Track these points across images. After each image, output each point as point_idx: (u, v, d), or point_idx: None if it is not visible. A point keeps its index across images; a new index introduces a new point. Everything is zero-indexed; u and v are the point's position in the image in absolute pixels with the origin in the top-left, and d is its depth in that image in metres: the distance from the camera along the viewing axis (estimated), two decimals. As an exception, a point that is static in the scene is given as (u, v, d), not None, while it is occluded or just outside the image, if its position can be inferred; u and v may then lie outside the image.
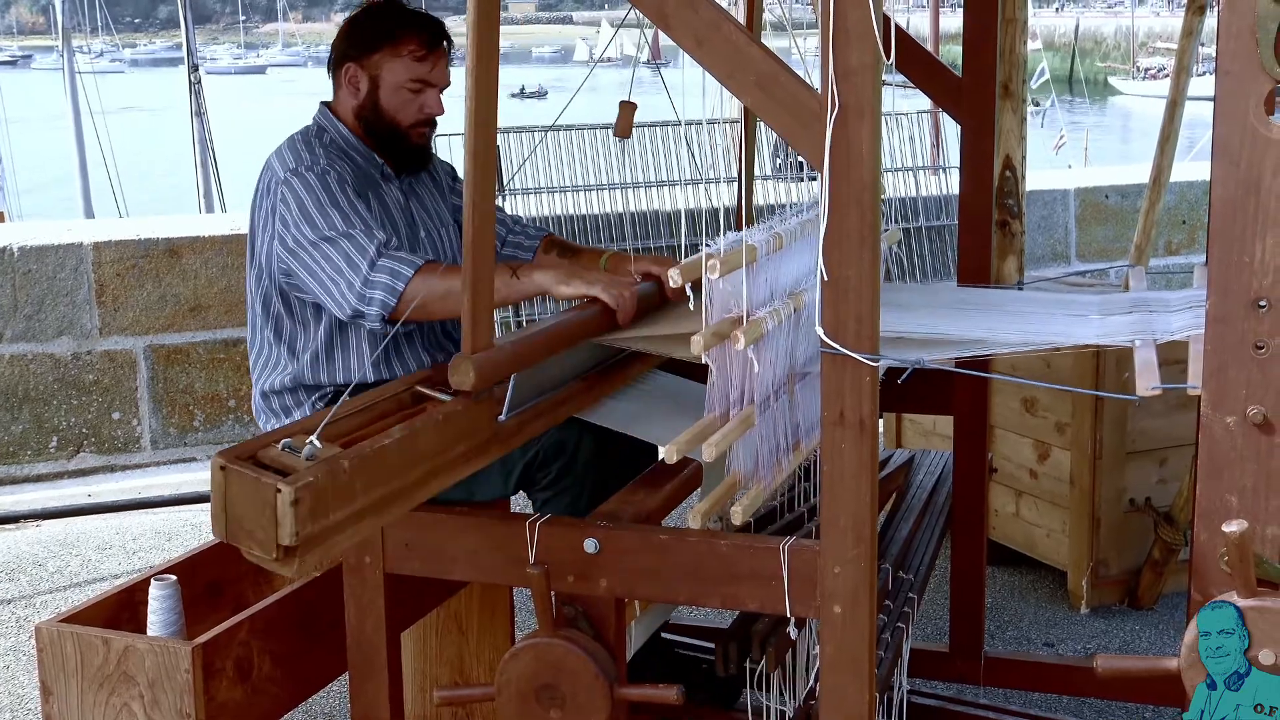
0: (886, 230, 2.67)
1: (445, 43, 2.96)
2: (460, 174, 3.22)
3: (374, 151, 2.94)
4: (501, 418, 2.20)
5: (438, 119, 2.99)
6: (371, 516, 1.91)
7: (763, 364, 2.04)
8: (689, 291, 2.02)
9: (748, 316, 2.01)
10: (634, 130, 2.64)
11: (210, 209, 15.03)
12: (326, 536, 1.81)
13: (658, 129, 7.50)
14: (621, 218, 7.10)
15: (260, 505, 1.74)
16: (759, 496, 2.09)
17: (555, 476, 2.67)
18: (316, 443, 1.85)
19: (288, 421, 2.91)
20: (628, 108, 2.82)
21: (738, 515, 2.01)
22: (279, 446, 1.86)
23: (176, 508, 5.07)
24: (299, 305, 2.83)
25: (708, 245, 2.01)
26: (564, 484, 2.67)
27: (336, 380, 2.85)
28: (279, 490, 1.73)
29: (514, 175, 6.74)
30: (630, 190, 7.32)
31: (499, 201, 3.26)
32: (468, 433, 2.10)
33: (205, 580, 2.78)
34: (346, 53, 2.95)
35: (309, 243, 2.70)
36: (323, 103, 3.00)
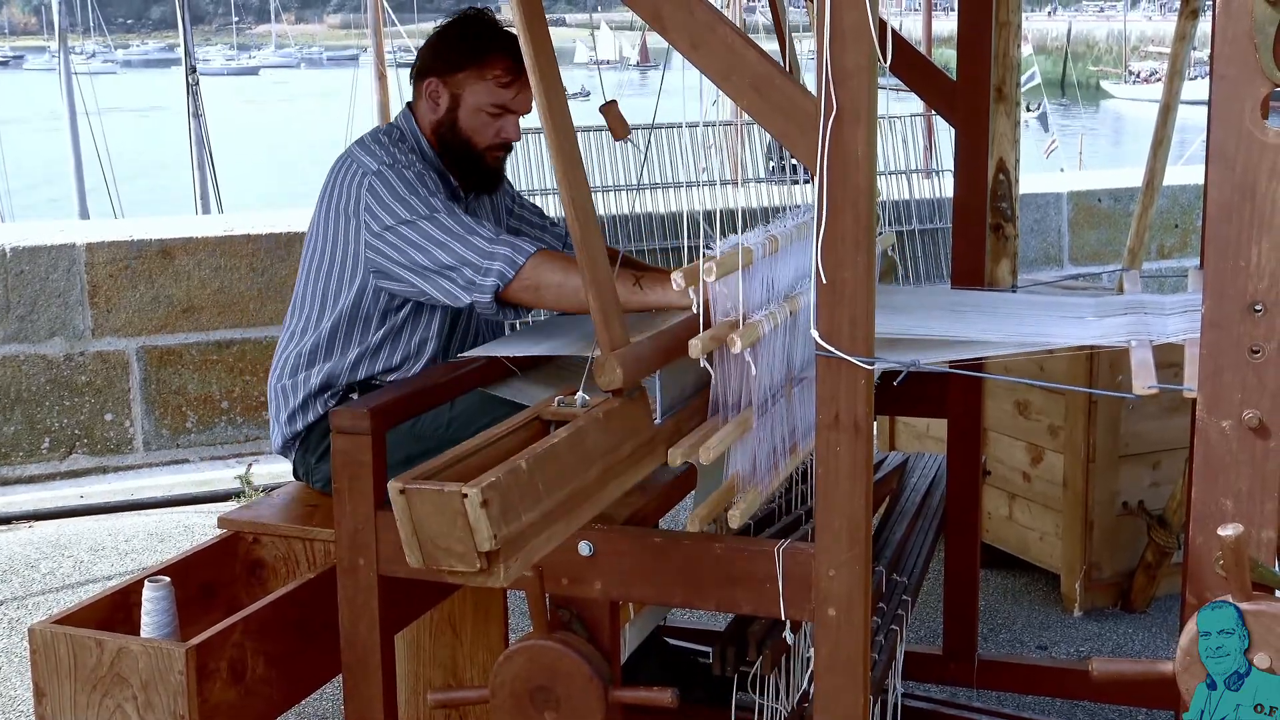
0: (881, 234, 2.66)
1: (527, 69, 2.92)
2: (515, 189, 3.25)
3: (447, 169, 2.93)
4: (658, 420, 2.16)
5: (514, 144, 2.97)
6: (562, 520, 1.87)
7: (760, 367, 2.04)
8: (692, 294, 2.02)
9: (744, 320, 2.01)
10: (632, 132, 2.62)
11: (207, 210, 15.02)
12: (524, 540, 1.78)
13: (652, 132, 7.50)
14: (614, 220, 7.10)
15: (451, 516, 1.70)
16: (756, 500, 2.09)
17: None
18: (585, 396, 1.92)
19: (301, 413, 2.91)
20: (612, 106, 2.78)
21: (735, 519, 2.01)
22: (555, 403, 1.93)
23: (169, 509, 5.06)
24: (372, 302, 2.83)
25: (708, 249, 2.01)
26: None
27: (376, 370, 2.87)
28: (465, 495, 1.68)
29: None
30: (626, 193, 7.33)
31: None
32: (631, 430, 2.07)
33: (198, 582, 2.78)
34: (431, 65, 2.92)
35: (411, 221, 2.69)
36: (407, 104, 2.99)
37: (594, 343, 2.19)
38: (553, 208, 7.02)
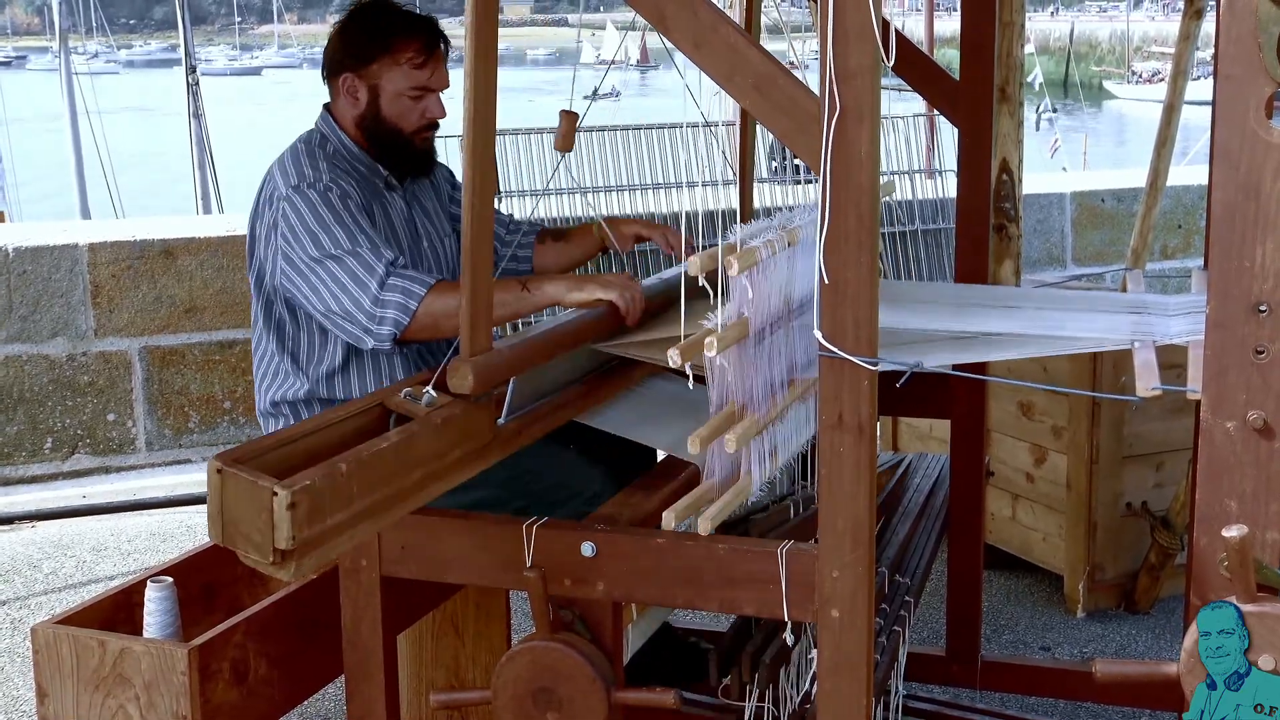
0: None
1: (442, 44, 2.91)
2: (459, 178, 3.21)
3: (377, 162, 2.91)
4: (501, 421, 2.19)
5: (440, 122, 2.95)
6: (369, 520, 1.90)
7: (757, 296, 2.03)
8: (704, 282, 2.01)
9: (740, 245, 2.01)
10: (634, 132, 2.61)
11: (208, 210, 15.03)
12: (323, 540, 1.80)
13: (654, 131, 7.51)
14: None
15: (256, 508, 1.73)
16: (752, 428, 2.07)
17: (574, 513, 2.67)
18: (432, 392, 1.90)
19: (292, 412, 2.90)
20: (569, 117, 2.68)
21: (731, 444, 2.00)
22: (401, 395, 1.92)
23: (172, 509, 5.06)
24: (306, 318, 2.81)
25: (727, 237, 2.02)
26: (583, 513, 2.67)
27: (352, 394, 2.83)
28: (275, 493, 1.72)
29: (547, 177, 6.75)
30: (628, 192, 7.33)
31: (496, 203, 3.24)
32: (466, 436, 2.10)
33: (201, 582, 2.78)
34: (343, 62, 2.89)
35: (312, 260, 2.66)
36: (325, 106, 2.96)
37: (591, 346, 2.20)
38: (543, 210, 7.03)
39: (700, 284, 2.00)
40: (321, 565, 1.85)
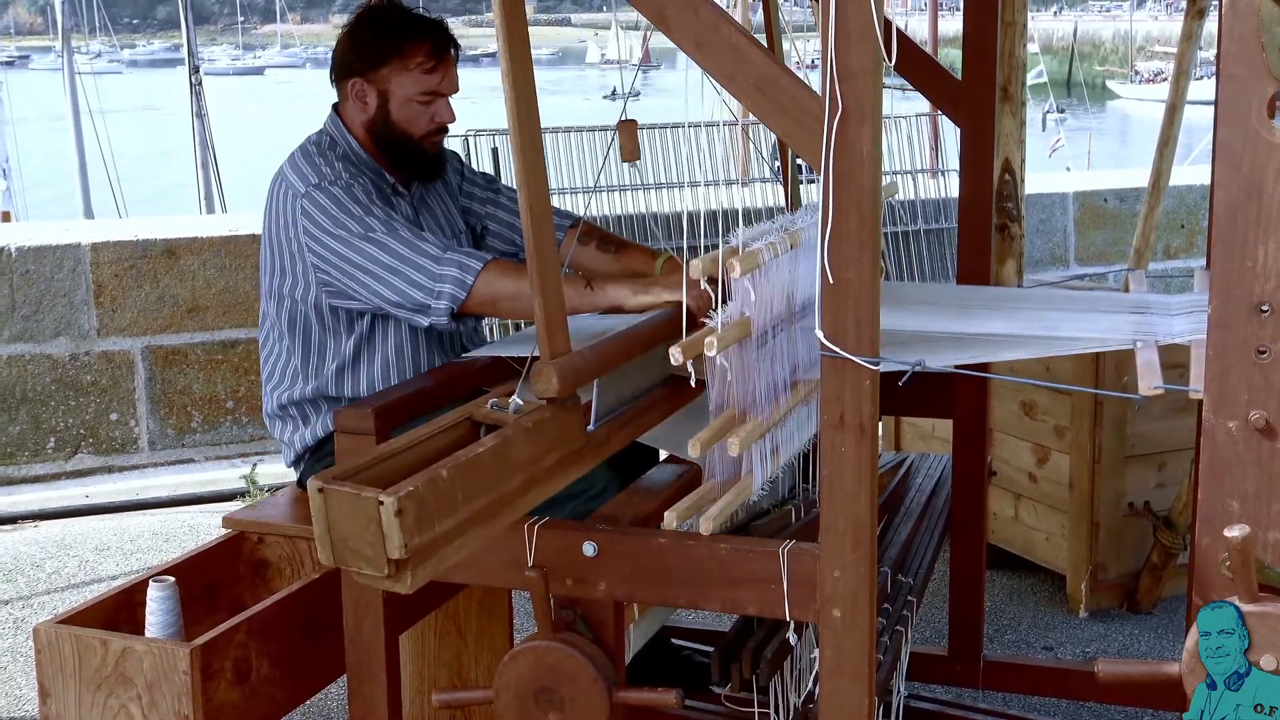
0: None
1: (452, 49, 2.89)
2: (463, 162, 3.20)
3: (383, 168, 2.90)
4: (591, 426, 2.16)
5: (449, 125, 2.94)
6: (477, 527, 1.87)
7: (759, 299, 2.03)
8: (705, 286, 2.01)
9: (742, 247, 2.00)
10: (649, 131, 2.59)
11: (211, 210, 15.04)
12: (435, 548, 1.78)
13: (657, 131, 7.51)
14: (618, 220, 7.10)
15: (365, 521, 1.70)
16: (755, 431, 2.07)
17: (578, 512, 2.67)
18: (519, 400, 1.89)
19: (305, 432, 2.89)
20: (629, 126, 2.68)
21: (735, 448, 2.00)
22: (487, 405, 1.91)
23: (174, 509, 5.06)
24: (331, 317, 2.80)
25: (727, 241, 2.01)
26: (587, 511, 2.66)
27: (359, 392, 2.83)
28: (382, 502, 1.69)
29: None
30: (630, 193, 7.33)
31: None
32: (560, 440, 2.07)
33: (203, 582, 2.78)
34: (352, 66, 2.88)
35: (352, 248, 2.66)
36: (334, 107, 2.95)
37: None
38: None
39: (703, 286, 2.00)
40: (435, 575, 1.82)
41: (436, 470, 1.80)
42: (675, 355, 1.96)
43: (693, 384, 2.06)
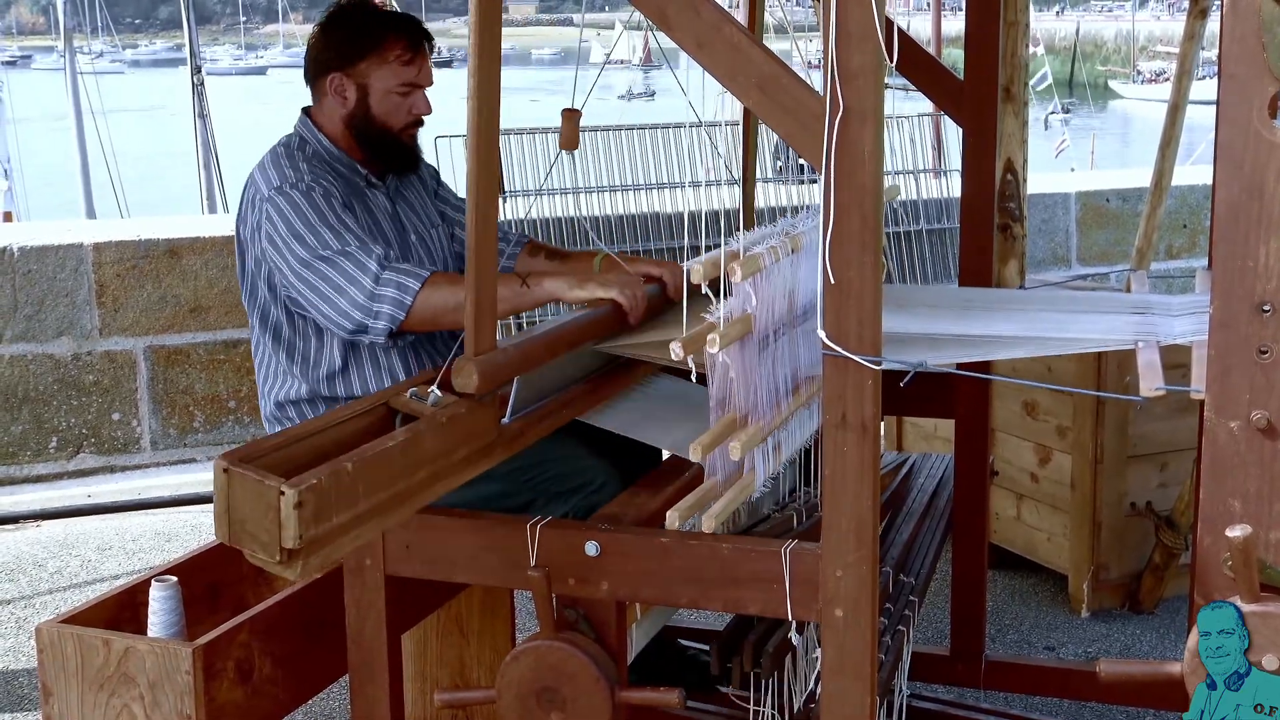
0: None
1: (426, 42, 2.93)
2: (441, 175, 3.22)
3: (356, 161, 2.91)
4: (505, 420, 2.20)
5: (425, 118, 2.96)
6: (374, 519, 1.90)
7: (760, 300, 2.03)
8: (706, 290, 2.02)
9: (744, 251, 2.01)
10: (639, 132, 2.62)
11: (214, 210, 15.04)
12: (330, 539, 1.81)
13: (659, 131, 7.50)
14: (622, 220, 7.10)
15: (264, 508, 1.74)
16: (757, 435, 2.07)
17: (576, 512, 2.67)
18: (438, 392, 1.90)
19: (297, 412, 2.90)
20: (571, 116, 2.70)
21: (736, 451, 2.00)
22: (406, 394, 1.91)
23: (176, 509, 5.07)
24: (301, 320, 2.81)
25: (726, 243, 2.02)
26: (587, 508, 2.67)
27: (354, 393, 2.83)
28: (283, 493, 1.72)
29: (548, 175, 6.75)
30: (631, 193, 7.33)
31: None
32: (471, 435, 2.10)
33: (205, 581, 2.78)
34: (329, 63, 2.89)
35: (302, 262, 2.67)
36: (303, 110, 2.96)
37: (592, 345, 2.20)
38: (546, 209, 7.02)
39: (704, 291, 2.01)
40: (326, 565, 1.85)
41: (341, 463, 1.82)
42: (676, 351, 1.97)
43: (693, 379, 2.07)
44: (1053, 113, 26.89)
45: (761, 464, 2.14)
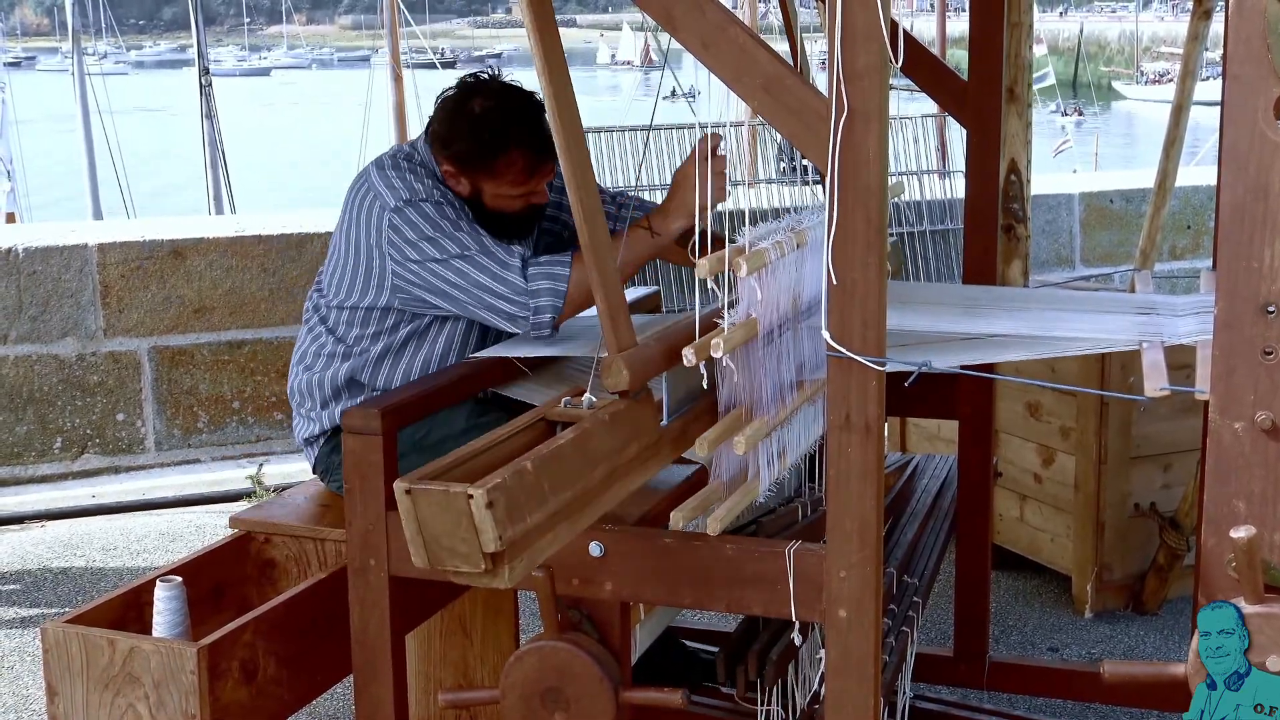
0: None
1: (550, 157, 2.78)
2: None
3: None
4: (664, 422, 2.16)
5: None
6: (567, 521, 1.88)
7: (766, 297, 2.03)
8: (712, 285, 2.01)
9: (750, 246, 2.00)
10: (648, 133, 2.63)
11: (220, 210, 15.05)
12: (529, 541, 1.78)
13: (660, 132, 7.50)
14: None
15: (456, 517, 1.71)
16: (761, 429, 2.07)
17: None
18: (593, 397, 1.90)
19: (324, 415, 2.90)
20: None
21: (740, 446, 2.00)
22: (561, 404, 1.92)
23: (181, 509, 5.07)
24: (388, 314, 2.81)
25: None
26: None
27: (392, 384, 2.84)
28: (471, 496, 1.69)
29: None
30: (633, 193, 7.33)
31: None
32: (637, 432, 2.07)
33: (210, 582, 2.78)
34: (445, 149, 2.80)
35: (443, 267, 2.66)
36: (427, 129, 2.87)
37: (602, 344, 2.20)
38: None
39: (709, 287, 2.00)
40: (529, 570, 1.81)
41: (521, 463, 1.80)
42: (688, 357, 1.96)
43: (704, 385, 2.06)
44: (1064, 114, 26.85)
45: (766, 468, 2.13)
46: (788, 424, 2.18)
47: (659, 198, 2.90)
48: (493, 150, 2.77)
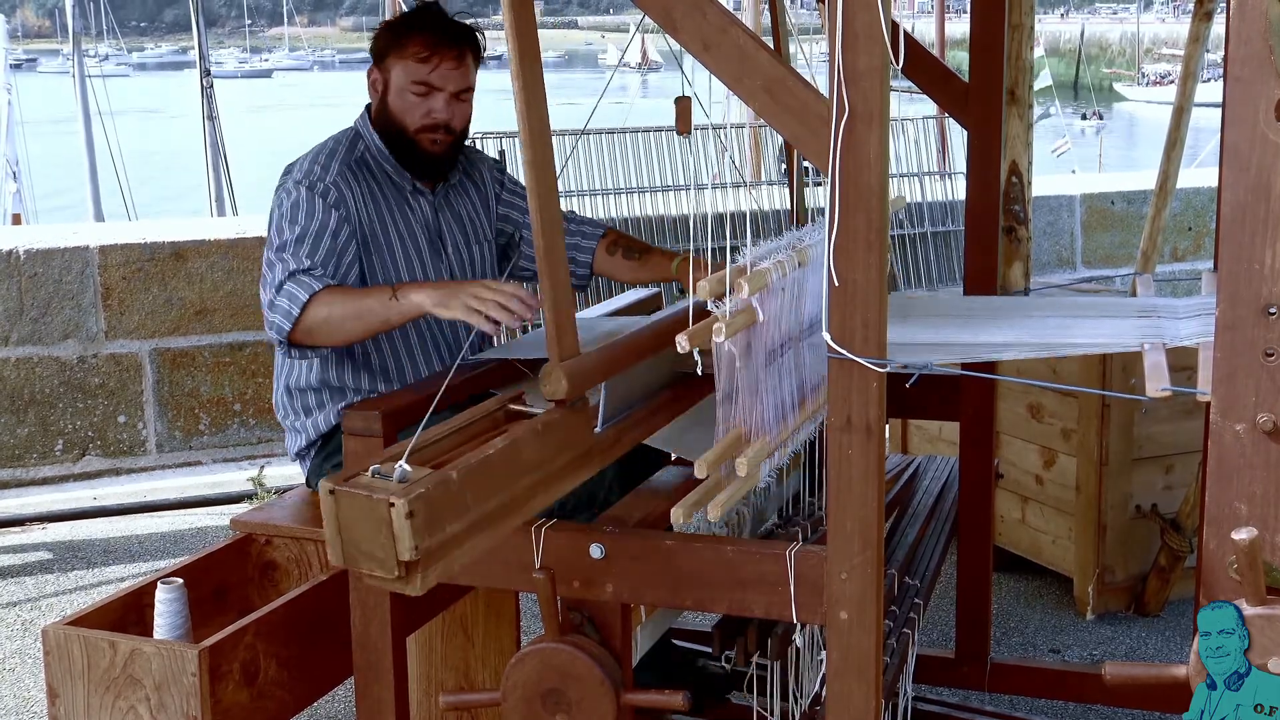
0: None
1: (459, 46, 2.89)
2: (504, 170, 3.21)
3: (404, 165, 2.93)
4: (598, 428, 2.17)
5: (454, 127, 2.93)
6: (488, 529, 1.88)
7: (768, 316, 2.03)
8: (712, 305, 2.02)
9: (751, 268, 2.01)
10: (657, 134, 2.64)
11: (222, 213, 15.04)
12: (445, 550, 1.79)
13: (661, 133, 7.50)
14: (624, 223, 7.10)
15: (375, 523, 1.71)
16: (764, 450, 2.07)
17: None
18: (406, 466, 1.82)
19: (308, 422, 2.91)
20: (685, 101, 2.73)
21: (742, 467, 2.00)
22: (369, 473, 1.83)
23: (182, 511, 5.07)
24: None
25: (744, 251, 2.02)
26: (587, 489, 2.68)
27: (362, 383, 2.85)
28: (392, 504, 1.70)
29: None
30: (636, 195, 7.33)
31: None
32: (568, 442, 2.08)
33: (211, 584, 2.78)
34: (370, 55, 2.97)
35: (271, 244, 2.77)
36: (365, 107, 3.00)
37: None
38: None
39: (709, 305, 2.00)
40: (443, 578, 1.82)
41: (446, 472, 1.81)
42: (681, 343, 1.96)
43: (699, 371, 2.06)
44: (1084, 118, 26.77)
45: (765, 463, 2.13)
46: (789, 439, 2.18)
47: (656, 198, 2.94)
48: (399, 30, 2.91)
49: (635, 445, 2.33)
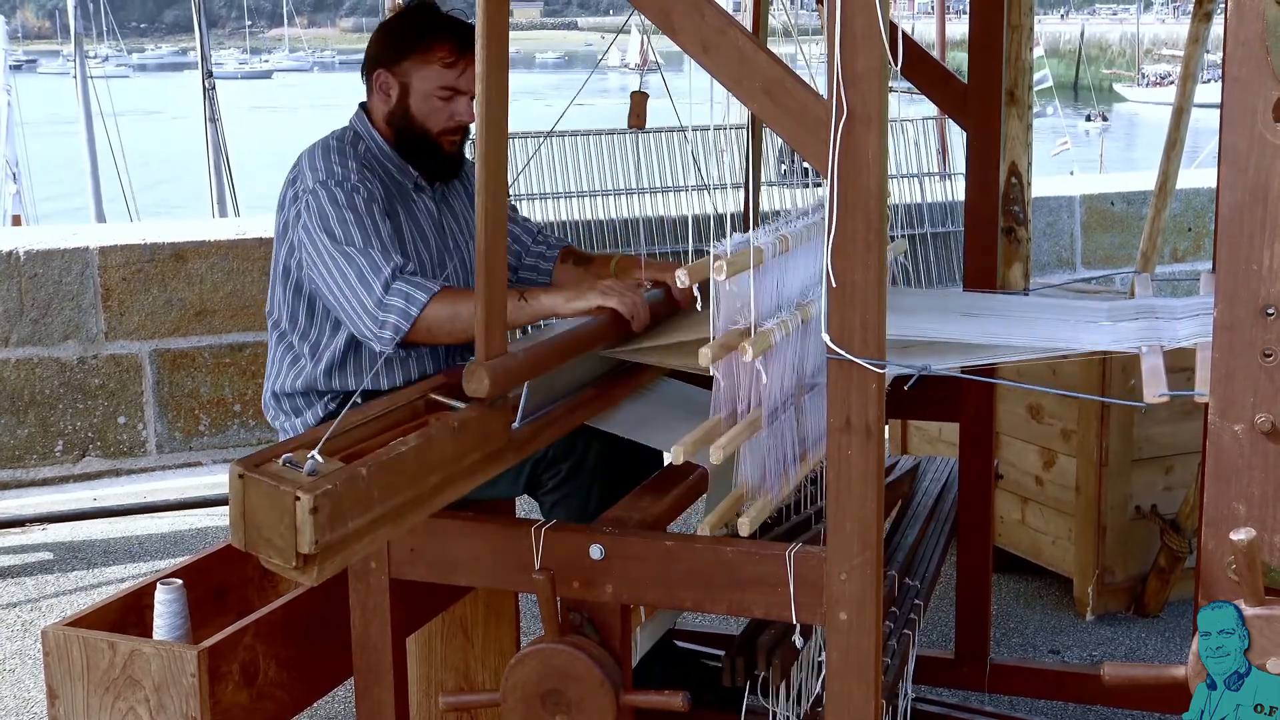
0: (892, 241, 2.66)
1: (473, 48, 2.91)
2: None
3: (407, 163, 2.93)
4: (515, 425, 2.20)
5: (470, 126, 2.94)
6: (389, 525, 1.90)
7: (771, 376, 2.04)
8: (696, 293, 2.03)
9: (755, 326, 2.01)
10: (640, 135, 2.67)
11: (224, 214, 15.04)
12: (345, 544, 1.80)
13: (664, 134, 7.50)
14: (628, 223, 7.10)
15: (279, 513, 1.73)
16: (766, 508, 2.09)
17: (564, 478, 2.67)
18: (318, 457, 1.83)
19: (298, 422, 2.92)
20: (640, 97, 2.76)
21: (745, 527, 2.01)
22: (279, 461, 1.83)
23: (182, 512, 5.07)
24: (322, 310, 2.84)
25: (715, 246, 2.01)
26: (572, 486, 2.67)
27: (348, 386, 2.85)
28: (298, 498, 1.72)
29: (515, 178, 6.73)
30: (638, 195, 7.33)
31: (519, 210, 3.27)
32: (482, 440, 2.10)
33: (211, 584, 2.78)
34: (378, 58, 2.93)
35: (327, 254, 2.70)
36: (361, 104, 2.99)
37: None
38: (553, 213, 7.03)
39: (698, 309, 2.01)
40: (339, 569, 1.85)
41: (356, 468, 1.82)
42: (681, 278, 1.98)
43: (699, 308, 2.07)
44: (1088, 119, 26.77)
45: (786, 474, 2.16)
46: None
47: (653, 200, 2.97)
48: (421, 33, 2.88)
49: (551, 442, 2.38)
